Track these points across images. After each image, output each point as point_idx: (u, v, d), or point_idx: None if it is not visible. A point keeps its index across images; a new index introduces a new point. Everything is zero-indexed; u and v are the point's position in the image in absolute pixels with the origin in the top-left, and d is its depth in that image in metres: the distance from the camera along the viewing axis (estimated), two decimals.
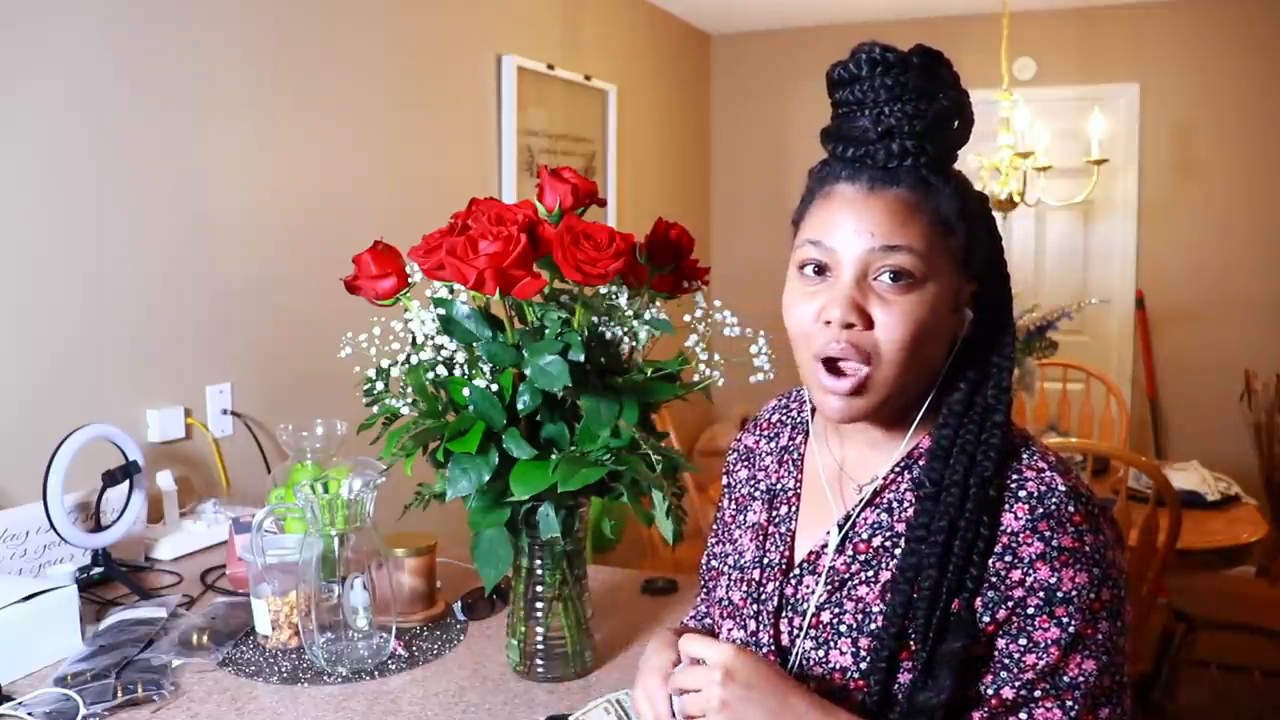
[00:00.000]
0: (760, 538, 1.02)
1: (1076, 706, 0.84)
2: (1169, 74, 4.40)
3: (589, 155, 3.83)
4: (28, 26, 1.81)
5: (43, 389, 1.85)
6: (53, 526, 1.60)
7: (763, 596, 0.98)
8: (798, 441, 1.06)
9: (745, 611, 1.00)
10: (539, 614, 1.32)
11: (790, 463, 1.05)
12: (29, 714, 1.20)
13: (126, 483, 1.74)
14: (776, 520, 1.02)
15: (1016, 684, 0.85)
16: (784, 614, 0.96)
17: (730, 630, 1.01)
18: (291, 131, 2.40)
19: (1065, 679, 0.84)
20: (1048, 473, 0.88)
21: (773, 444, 1.09)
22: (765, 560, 1.00)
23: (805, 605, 0.95)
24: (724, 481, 1.15)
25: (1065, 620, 0.84)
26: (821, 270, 0.90)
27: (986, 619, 0.86)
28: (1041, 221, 4.67)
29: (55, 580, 1.48)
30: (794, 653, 0.94)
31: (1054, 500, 0.86)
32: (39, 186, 1.84)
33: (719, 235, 5.04)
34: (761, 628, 0.97)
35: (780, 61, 4.90)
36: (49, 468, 1.60)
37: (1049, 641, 0.84)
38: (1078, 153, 3.77)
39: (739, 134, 5.00)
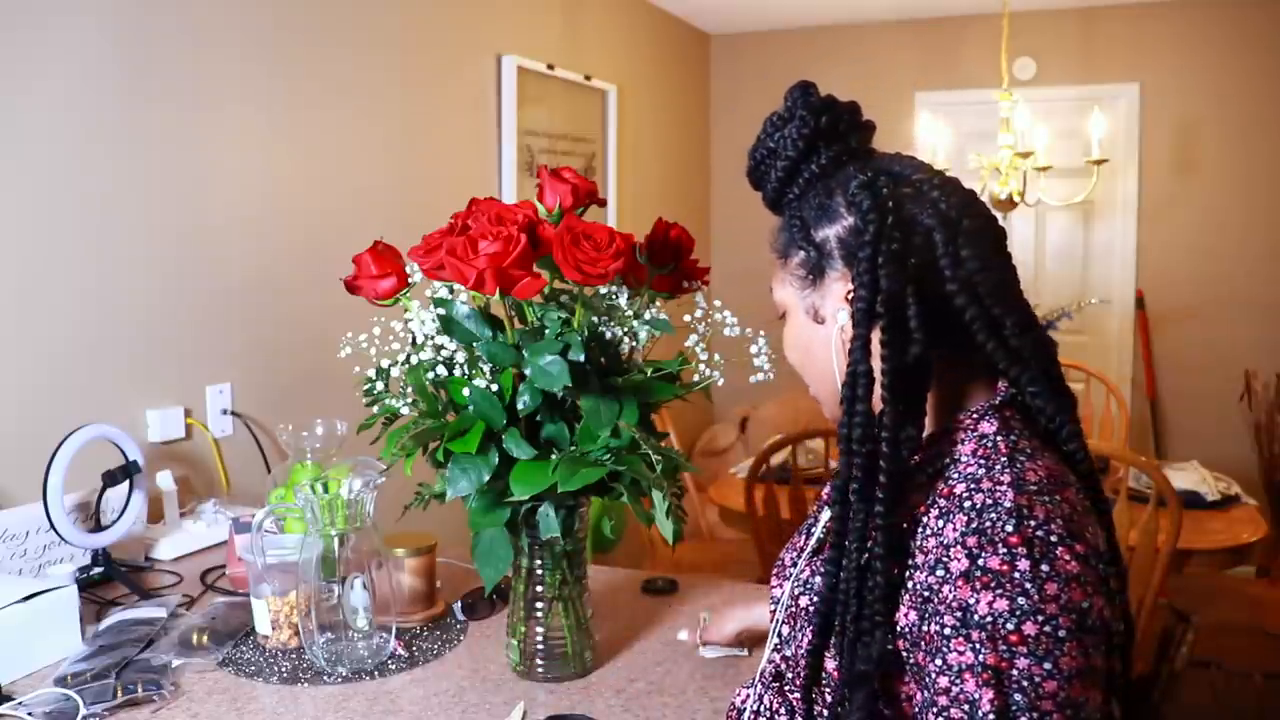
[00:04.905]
0: (818, 507, 1.09)
1: None
2: (1169, 74, 4.40)
3: (589, 155, 3.83)
4: (28, 26, 1.81)
5: (43, 389, 1.85)
6: (53, 526, 1.60)
7: (798, 562, 1.03)
8: None
9: (786, 573, 1.05)
10: (539, 614, 1.32)
11: None
12: (29, 714, 1.20)
13: (126, 483, 1.74)
14: (826, 491, 1.08)
15: (934, 709, 0.80)
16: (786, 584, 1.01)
17: (774, 588, 1.07)
18: (292, 132, 2.40)
19: (979, 712, 0.77)
20: (1002, 488, 0.83)
21: None
22: (808, 526, 1.07)
23: (798, 581, 0.98)
24: None
25: (978, 647, 0.78)
26: None
27: (924, 628, 0.82)
28: (1041, 221, 4.67)
29: (55, 580, 1.48)
30: (792, 628, 0.97)
31: (991, 515, 0.81)
32: (39, 186, 1.84)
33: (719, 235, 5.04)
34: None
35: (780, 61, 4.90)
36: (49, 468, 1.60)
37: (962, 666, 0.78)
38: (1078, 153, 3.77)
39: (739, 134, 4.99)
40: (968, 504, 0.83)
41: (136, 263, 2.02)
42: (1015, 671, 0.77)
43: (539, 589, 1.31)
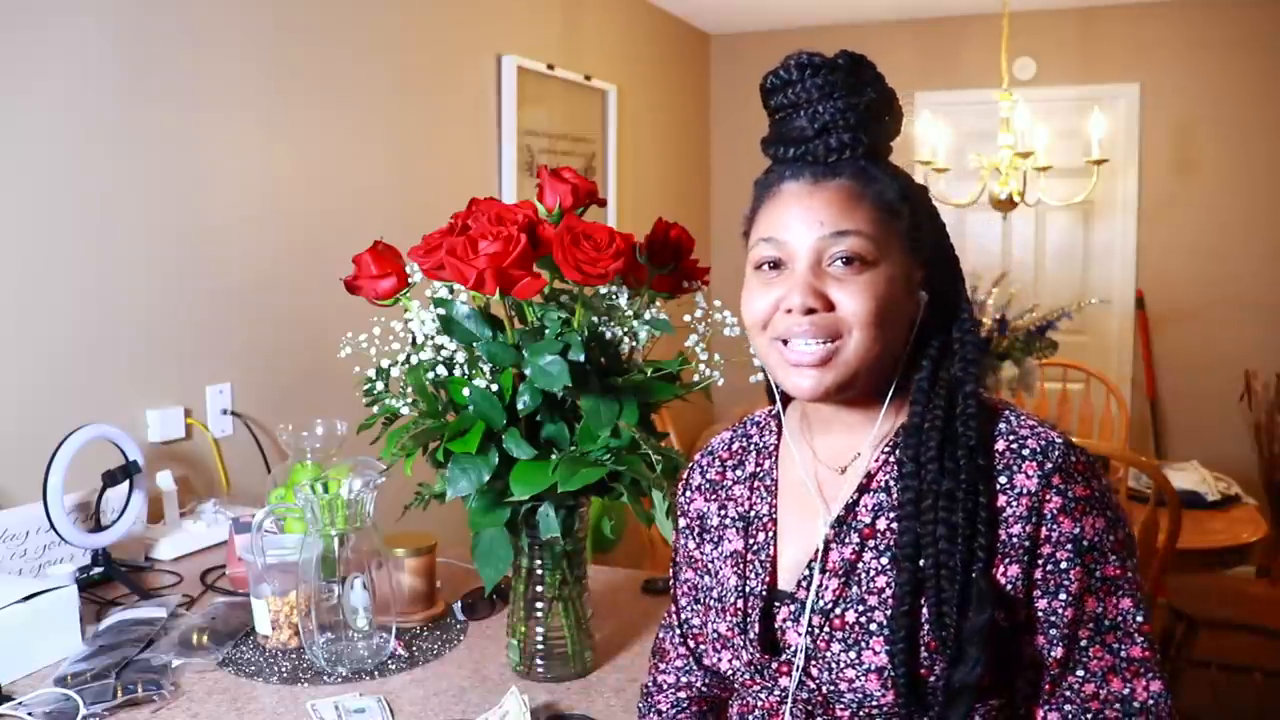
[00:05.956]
0: (740, 565, 1.00)
1: (1121, 646, 0.86)
2: (1169, 74, 4.40)
3: (589, 155, 3.83)
4: (28, 26, 1.81)
5: (43, 389, 1.85)
6: (53, 526, 1.60)
7: (747, 624, 0.96)
8: (766, 466, 1.03)
9: (736, 642, 0.97)
10: (539, 614, 1.32)
11: (762, 488, 1.02)
12: (29, 714, 1.20)
13: (126, 483, 1.74)
14: (755, 548, 0.99)
15: (1065, 640, 0.87)
16: (801, 618, 0.93)
17: (729, 659, 0.98)
18: (291, 132, 2.40)
19: (1106, 622, 0.87)
20: (1041, 429, 0.91)
21: (739, 472, 1.05)
22: (748, 589, 0.98)
23: (824, 604, 0.92)
24: (680, 524, 1.09)
25: (1093, 566, 0.86)
26: (777, 265, 0.93)
27: (1023, 583, 0.87)
28: (1041, 221, 4.67)
29: (55, 580, 1.48)
30: (823, 657, 0.91)
31: (1058, 453, 0.88)
32: (39, 186, 1.84)
33: (719, 235, 5.04)
34: (753, 654, 0.95)
35: (780, 61, 4.90)
36: (49, 468, 1.60)
37: (1082, 591, 0.86)
38: (1078, 153, 3.77)
39: (739, 134, 4.99)
40: (1026, 451, 0.89)
41: (136, 263, 2.02)
42: (1128, 573, 0.87)
43: (539, 589, 1.32)
